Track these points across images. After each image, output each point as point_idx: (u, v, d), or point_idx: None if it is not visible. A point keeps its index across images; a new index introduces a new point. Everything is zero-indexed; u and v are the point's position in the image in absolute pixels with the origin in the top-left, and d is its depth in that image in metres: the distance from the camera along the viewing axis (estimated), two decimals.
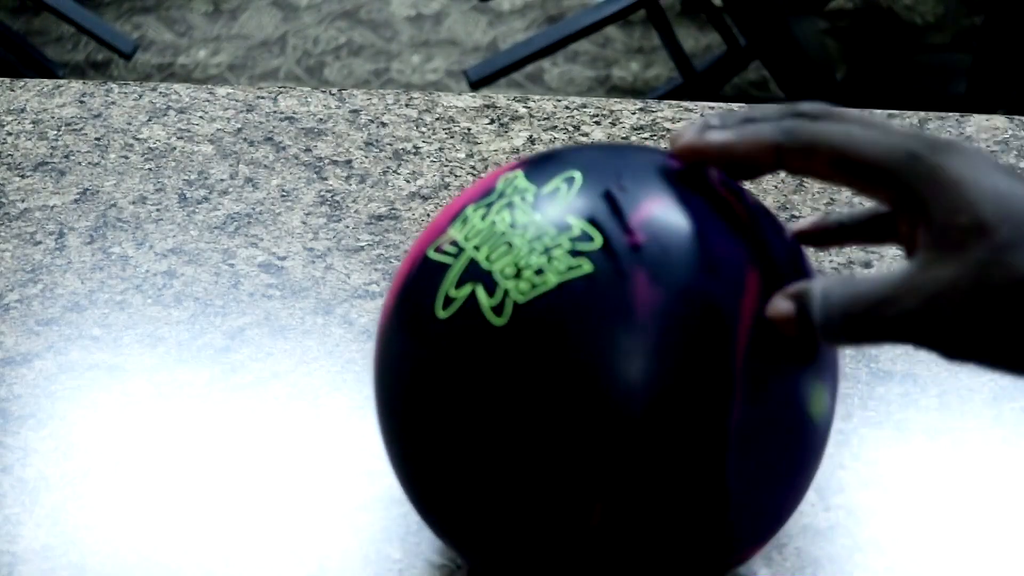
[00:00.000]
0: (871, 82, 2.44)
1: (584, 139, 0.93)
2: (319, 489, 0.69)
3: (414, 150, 0.93)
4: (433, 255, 0.55)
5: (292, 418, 0.73)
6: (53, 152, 0.93)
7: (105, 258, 0.84)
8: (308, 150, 0.93)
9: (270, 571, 0.65)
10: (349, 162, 0.92)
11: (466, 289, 0.53)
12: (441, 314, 0.53)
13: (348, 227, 0.86)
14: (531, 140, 0.93)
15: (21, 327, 0.79)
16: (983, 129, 0.96)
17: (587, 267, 0.51)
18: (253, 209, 0.88)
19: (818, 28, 2.36)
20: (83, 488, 0.69)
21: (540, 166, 0.56)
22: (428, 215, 0.87)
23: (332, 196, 0.89)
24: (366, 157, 0.93)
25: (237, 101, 0.98)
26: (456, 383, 0.52)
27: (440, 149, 0.93)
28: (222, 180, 0.90)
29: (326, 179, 0.91)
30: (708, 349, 0.50)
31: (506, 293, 0.51)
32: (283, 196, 0.89)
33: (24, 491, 0.69)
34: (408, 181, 0.90)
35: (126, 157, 0.93)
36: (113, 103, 0.98)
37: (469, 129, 0.95)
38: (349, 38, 2.82)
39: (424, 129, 0.95)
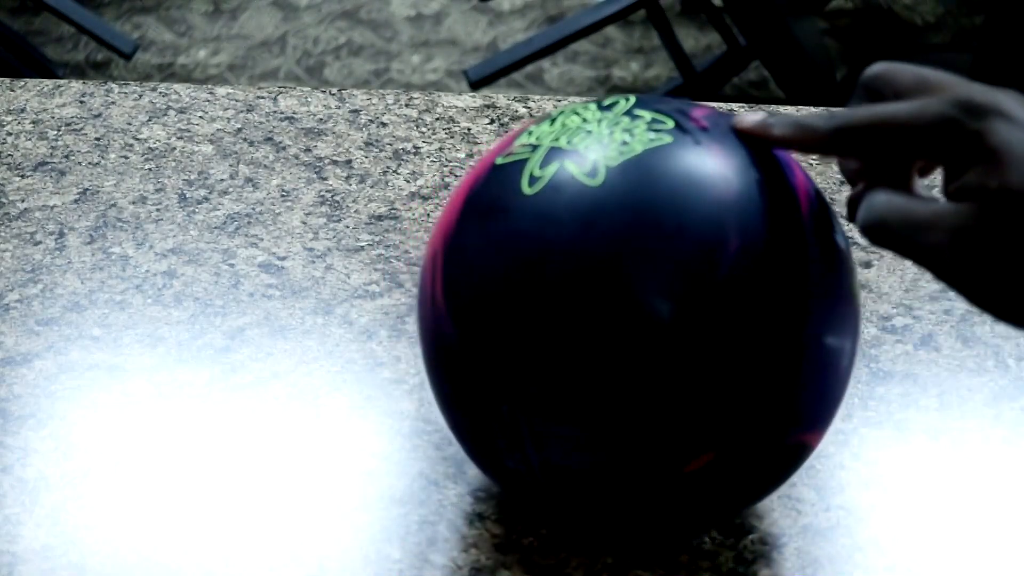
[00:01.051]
0: None
1: None
2: (319, 489, 0.69)
3: (414, 150, 0.93)
4: (502, 160, 0.59)
5: (292, 418, 0.73)
6: (53, 152, 0.93)
7: (105, 258, 0.84)
8: (308, 150, 0.93)
9: (270, 571, 0.65)
10: (349, 162, 0.92)
11: (553, 166, 0.57)
12: (528, 191, 0.56)
13: (348, 227, 0.86)
14: None
15: (21, 327, 0.79)
16: None
17: (667, 139, 0.57)
18: (253, 209, 0.88)
19: (818, 28, 2.36)
20: (83, 488, 0.69)
21: (589, 101, 0.61)
22: (428, 215, 0.87)
23: (332, 196, 0.89)
24: (366, 157, 0.93)
25: (237, 101, 0.98)
26: (556, 241, 0.55)
27: (440, 149, 0.93)
28: (222, 180, 0.90)
29: (326, 179, 0.91)
30: (781, 201, 0.56)
31: (596, 161, 0.56)
32: (283, 196, 0.89)
33: (24, 491, 0.69)
34: (408, 181, 0.90)
35: (126, 157, 0.93)
36: (113, 103, 0.98)
37: (469, 129, 0.95)
38: (349, 38, 2.82)
39: (424, 129, 0.95)
